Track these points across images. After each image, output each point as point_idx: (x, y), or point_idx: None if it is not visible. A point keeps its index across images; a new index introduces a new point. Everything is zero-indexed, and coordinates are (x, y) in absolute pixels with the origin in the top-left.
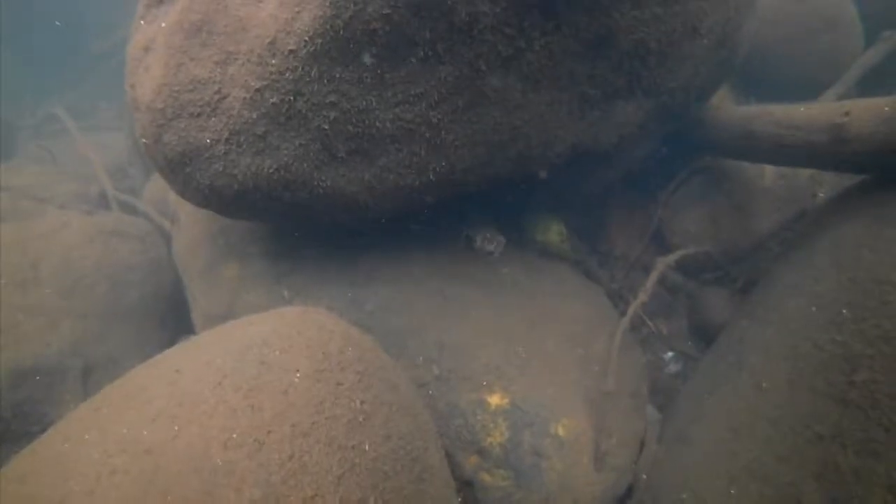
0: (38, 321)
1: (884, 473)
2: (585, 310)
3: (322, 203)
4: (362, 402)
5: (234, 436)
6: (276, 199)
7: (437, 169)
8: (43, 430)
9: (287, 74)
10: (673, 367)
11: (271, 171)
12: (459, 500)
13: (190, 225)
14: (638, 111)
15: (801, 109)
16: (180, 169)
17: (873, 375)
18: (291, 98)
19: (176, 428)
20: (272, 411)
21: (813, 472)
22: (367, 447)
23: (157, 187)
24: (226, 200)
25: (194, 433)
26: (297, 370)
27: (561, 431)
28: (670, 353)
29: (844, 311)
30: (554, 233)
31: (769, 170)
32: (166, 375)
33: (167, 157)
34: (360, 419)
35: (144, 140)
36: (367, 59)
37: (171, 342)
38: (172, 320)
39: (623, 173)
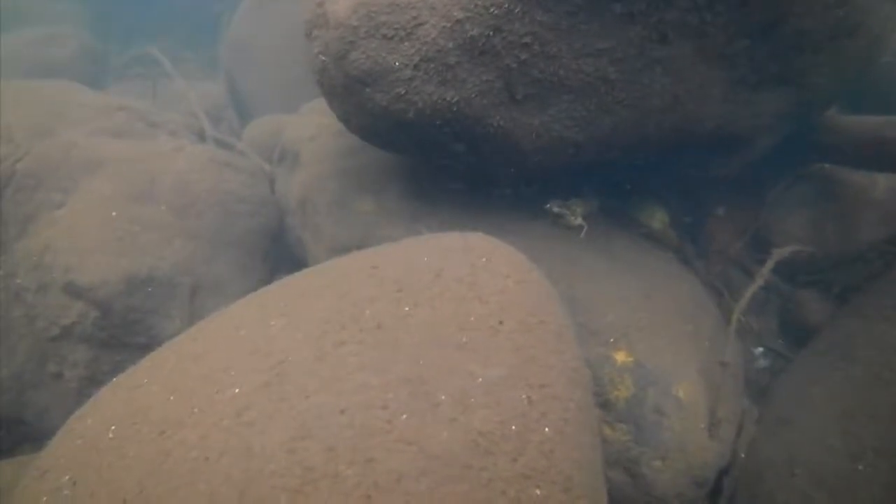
0: (153, 235)
1: None
2: (691, 291)
3: (487, 143)
4: (559, 316)
5: (472, 319)
6: (444, 130)
7: (600, 126)
8: (149, 342)
9: (492, 9)
10: (762, 363)
11: (452, 102)
12: None
13: (316, 161)
14: (779, 102)
15: None
16: (359, 89)
17: None
18: (490, 33)
19: (406, 308)
20: (497, 305)
21: None
22: (567, 356)
23: (257, 131)
24: (395, 126)
25: (426, 314)
26: (507, 275)
27: (682, 394)
28: (760, 349)
29: None
30: (658, 220)
31: (882, 181)
32: (362, 271)
33: (349, 74)
34: (562, 331)
35: (324, 57)
36: (569, 7)
37: (271, 275)
38: (273, 255)
39: (742, 166)
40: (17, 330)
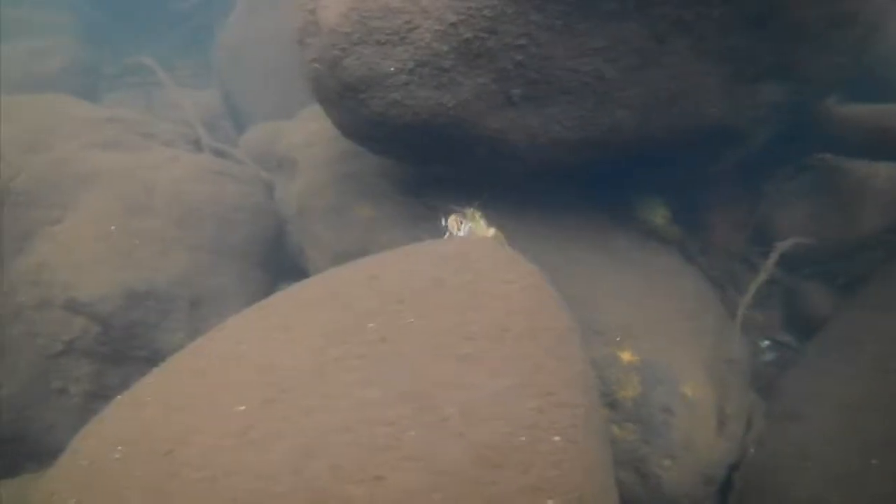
0: (151, 248)
1: None
2: (693, 287)
3: (485, 146)
4: (563, 320)
5: (475, 328)
6: (441, 135)
7: (598, 126)
8: (151, 356)
9: (485, 11)
10: (769, 356)
11: (449, 106)
12: None
13: (314, 168)
14: (777, 94)
15: None
16: (353, 95)
17: None
18: (485, 35)
19: (408, 320)
20: (501, 312)
21: None
22: (573, 361)
23: (254, 138)
24: (391, 132)
25: (428, 325)
26: (511, 281)
27: (689, 392)
28: (766, 342)
29: None
30: (660, 216)
31: (883, 170)
32: (361, 282)
33: (343, 82)
34: (567, 335)
35: (317, 65)
36: (562, 6)
37: (272, 285)
38: (274, 264)
39: (741, 158)
40: (18, 347)
